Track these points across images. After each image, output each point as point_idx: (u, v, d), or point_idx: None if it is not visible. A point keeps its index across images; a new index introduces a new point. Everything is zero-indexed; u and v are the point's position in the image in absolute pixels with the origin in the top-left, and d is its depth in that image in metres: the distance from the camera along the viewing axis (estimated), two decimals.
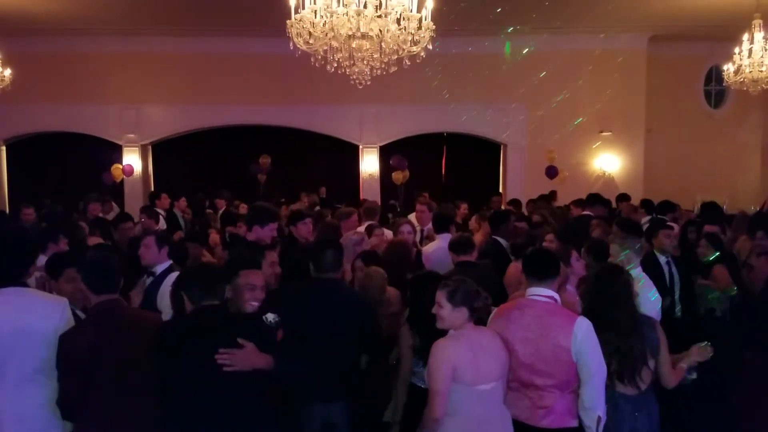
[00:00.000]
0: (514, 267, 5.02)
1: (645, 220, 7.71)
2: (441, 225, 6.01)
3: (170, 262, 4.53)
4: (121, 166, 12.69)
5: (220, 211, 9.86)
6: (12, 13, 10.70)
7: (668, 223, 6.16)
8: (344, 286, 4.14)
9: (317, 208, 9.33)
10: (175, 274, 4.17)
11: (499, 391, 3.25)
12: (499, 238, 6.00)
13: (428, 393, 3.20)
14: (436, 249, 5.66)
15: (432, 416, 3.14)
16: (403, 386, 3.77)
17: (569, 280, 4.37)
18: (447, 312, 3.21)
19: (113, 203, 10.21)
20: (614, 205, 9.48)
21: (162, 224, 8.70)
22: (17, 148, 13.50)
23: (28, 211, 7.43)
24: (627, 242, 4.60)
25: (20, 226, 6.87)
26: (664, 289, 5.19)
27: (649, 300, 4.16)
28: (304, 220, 5.49)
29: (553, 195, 10.96)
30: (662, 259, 5.59)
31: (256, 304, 3.45)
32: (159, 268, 4.45)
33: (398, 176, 12.61)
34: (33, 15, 10.89)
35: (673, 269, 5.59)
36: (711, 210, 7.32)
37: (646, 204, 8.86)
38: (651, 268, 5.16)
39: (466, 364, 3.13)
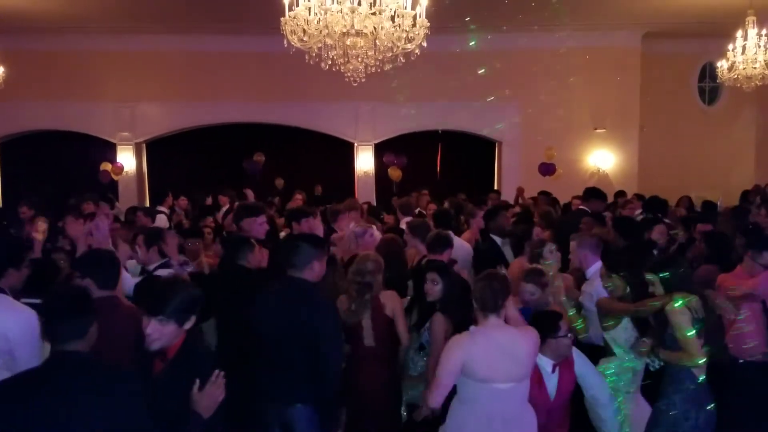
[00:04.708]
0: (518, 263, 5.01)
1: (638, 212, 7.75)
2: (441, 222, 5.94)
3: (164, 259, 4.48)
4: (110, 165, 12.64)
5: (224, 209, 9.68)
6: (6, 11, 10.65)
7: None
8: (303, 284, 3.55)
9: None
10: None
11: (519, 392, 3.22)
12: (493, 236, 5.86)
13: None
14: None
15: (427, 403, 3.23)
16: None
17: None
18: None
19: (115, 202, 10.12)
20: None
21: (164, 222, 8.68)
22: (11, 147, 13.45)
23: (23, 210, 7.43)
24: None
25: None
26: None
27: None
28: (308, 218, 5.29)
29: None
30: None
31: None
32: (152, 266, 4.45)
33: (395, 173, 12.60)
34: (27, 13, 10.85)
35: None
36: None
37: (639, 198, 8.89)
38: None
39: (478, 361, 3.12)
